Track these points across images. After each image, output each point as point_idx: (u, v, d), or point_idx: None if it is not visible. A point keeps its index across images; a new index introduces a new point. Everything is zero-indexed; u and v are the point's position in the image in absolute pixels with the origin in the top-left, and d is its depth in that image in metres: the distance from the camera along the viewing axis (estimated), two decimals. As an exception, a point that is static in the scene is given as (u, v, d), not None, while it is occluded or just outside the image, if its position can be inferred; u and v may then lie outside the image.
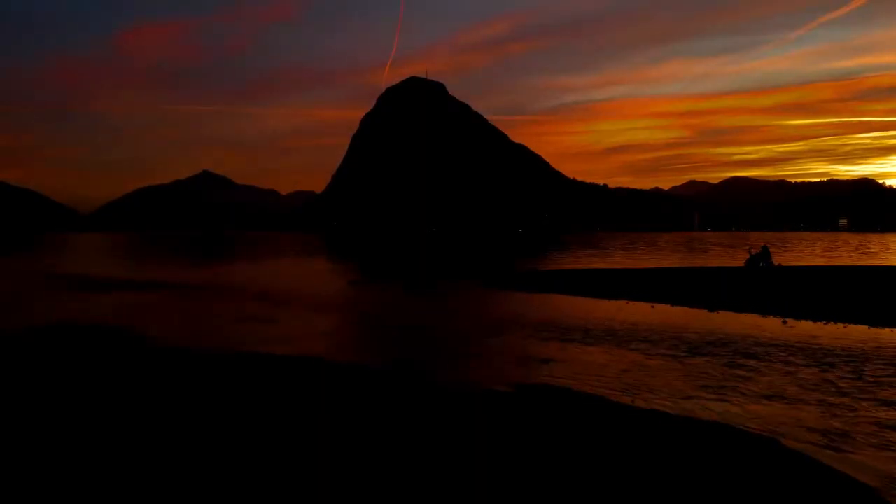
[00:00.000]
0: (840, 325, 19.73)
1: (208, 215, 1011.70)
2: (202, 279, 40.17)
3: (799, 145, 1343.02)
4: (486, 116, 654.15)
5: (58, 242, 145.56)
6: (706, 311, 23.54)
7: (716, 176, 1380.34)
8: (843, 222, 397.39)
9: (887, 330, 18.81)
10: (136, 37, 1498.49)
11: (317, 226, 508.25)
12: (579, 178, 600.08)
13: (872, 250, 77.79)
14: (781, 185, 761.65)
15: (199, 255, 75.19)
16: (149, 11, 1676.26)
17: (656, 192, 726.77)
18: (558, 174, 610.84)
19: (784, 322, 20.71)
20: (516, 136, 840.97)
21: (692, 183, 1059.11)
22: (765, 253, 41.67)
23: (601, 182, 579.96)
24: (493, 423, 10.08)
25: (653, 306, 25.10)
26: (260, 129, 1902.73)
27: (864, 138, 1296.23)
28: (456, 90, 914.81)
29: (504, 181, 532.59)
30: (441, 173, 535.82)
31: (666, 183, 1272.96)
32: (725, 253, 71.85)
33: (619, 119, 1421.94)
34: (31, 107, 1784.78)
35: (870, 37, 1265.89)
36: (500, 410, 10.85)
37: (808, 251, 76.20)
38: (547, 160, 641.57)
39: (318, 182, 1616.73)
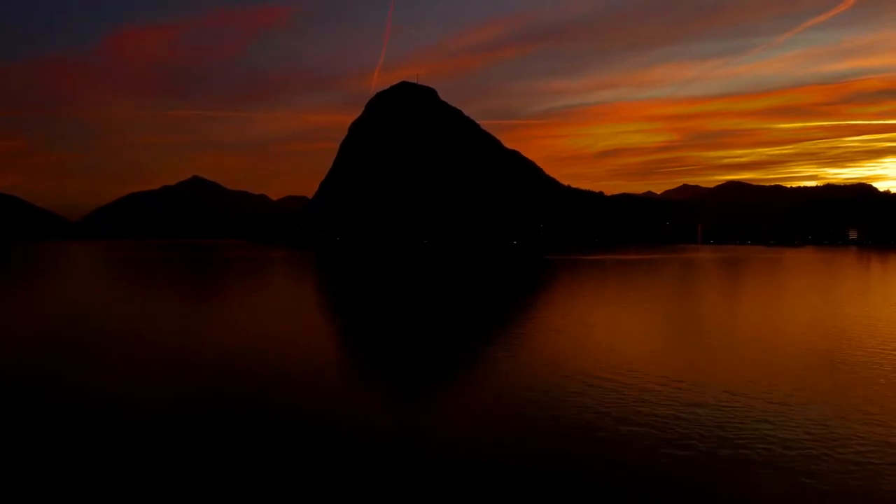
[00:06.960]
0: None
1: (199, 221, 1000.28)
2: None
3: (789, 148, 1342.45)
4: (478, 121, 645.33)
5: (44, 256, 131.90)
6: None
7: (708, 179, 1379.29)
8: (852, 234, 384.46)
9: None
10: (124, 40, 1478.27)
11: (307, 235, 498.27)
12: (571, 182, 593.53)
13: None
14: (778, 192, 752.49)
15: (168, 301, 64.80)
16: (137, 15, 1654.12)
17: (649, 197, 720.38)
18: (553, 182, 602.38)
19: None
20: (508, 141, 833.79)
21: (685, 187, 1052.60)
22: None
23: (594, 186, 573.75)
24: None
25: None
26: (250, 133, 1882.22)
27: (854, 141, 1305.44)
28: (447, 95, 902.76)
29: (498, 189, 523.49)
30: (433, 181, 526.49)
31: (658, 187, 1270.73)
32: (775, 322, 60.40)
33: (610, 123, 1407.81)
34: (17, 111, 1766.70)
35: (858, 40, 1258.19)
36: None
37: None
38: (539, 165, 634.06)
39: (309, 187, 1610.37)
